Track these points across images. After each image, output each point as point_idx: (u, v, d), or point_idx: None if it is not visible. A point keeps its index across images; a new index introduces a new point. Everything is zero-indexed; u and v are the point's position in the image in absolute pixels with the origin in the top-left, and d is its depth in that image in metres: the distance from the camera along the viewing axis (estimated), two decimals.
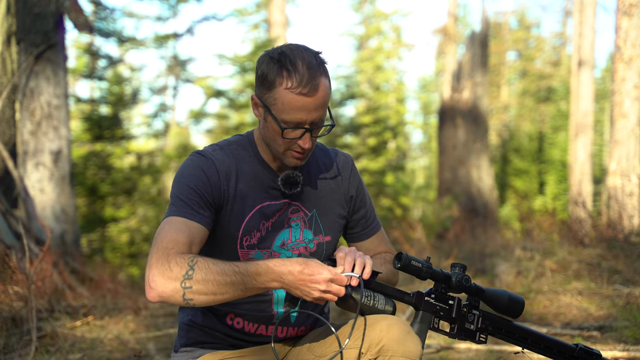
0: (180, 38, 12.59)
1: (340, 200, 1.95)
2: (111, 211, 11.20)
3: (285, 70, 1.69)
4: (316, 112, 1.72)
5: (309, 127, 1.73)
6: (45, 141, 6.30)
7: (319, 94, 1.70)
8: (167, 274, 1.58)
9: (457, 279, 1.78)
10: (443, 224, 9.97)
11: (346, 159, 1.99)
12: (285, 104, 1.70)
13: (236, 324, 1.85)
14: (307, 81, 1.68)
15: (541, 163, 19.23)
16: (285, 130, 1.73)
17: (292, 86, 1.69)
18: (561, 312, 4.48)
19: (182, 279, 1.58)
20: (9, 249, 4.97)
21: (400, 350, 1.63)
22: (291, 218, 1.86)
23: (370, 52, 23.00)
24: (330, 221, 1.92)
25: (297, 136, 1.74)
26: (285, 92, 1.69)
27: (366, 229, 2.01)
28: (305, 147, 1.75)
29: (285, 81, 1.69)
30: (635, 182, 6.44)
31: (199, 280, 1.58)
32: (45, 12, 6.24)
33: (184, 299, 1.58)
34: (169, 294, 1.58)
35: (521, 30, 27.45)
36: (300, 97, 1.69)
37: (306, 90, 1.69)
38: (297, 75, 1.69)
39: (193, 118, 13.80)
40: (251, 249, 1.81)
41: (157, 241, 1.66)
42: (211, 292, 1.58)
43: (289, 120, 1.71)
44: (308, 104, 1.70)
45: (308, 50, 1.74)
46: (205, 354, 1.85)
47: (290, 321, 1.88)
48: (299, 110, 1.70)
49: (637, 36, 6.56)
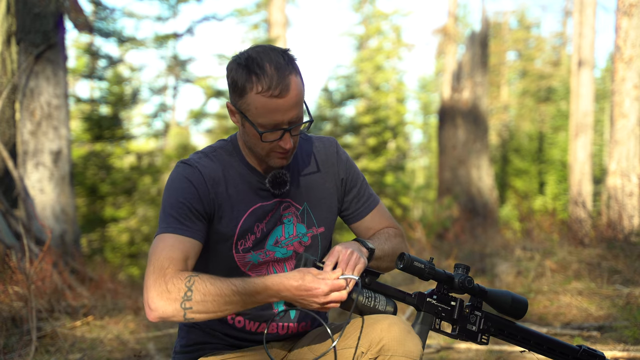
0: (180, 38, 12.59)
1: (331, 188, 1.93)
2: (111, 211, 11.20)
3: (253, 75, 1.68)
4: (291, 111, 1.70)
5: (287, 127, 1.72)
6: (45, 141, 6.30)
7: (291, 94, 1.69)
8: (166, 296, 1.60)
9: (460, 280, 1.78)
10: (443, 224, 9.96)
11: (330, 143, 1.97)
12: (259, 109, 1.69)
13: (237, 323, 1.85)
14: (277, 82, 1.67)
15: (541, 163, 19.23)
16: (263, 134, 1.72)
17: (263, 90, 1.67)
18: (561, 312, 4.48)
19: (182, 300, 1.59)
20: (9, 249, 4.97)
21: (401, 350, 1.63)
22: (283, 215, 1.86)
23: (370, 52, 22.99)
24: (323, 212, 1.92)
25: (277, 138, 1.73)
26: (257, 96, 1.68)
27: (362, 207, 1.98)
28: (286, 148, 1.74)
29: (255, 86, 1.68)
30: (635, 182, 6.44)
31: (198, 302, 1.59)
32: (45, 12, 6.24)
33: (185, 318, 1.61)
34: (169, 315, 1.60)
35: (521, 30, 27.45)
36: (272, 99, 1.67)
37: (277, 92, 1.67)
38: (266, 78, 1.67)
39: (193, 118, 13.80)
40: (247, 252, 1.82)
41: (152, 260, 1.66)
42: (211, 310, 1.61)
43: (265, 123, 1.70)
44: (281, 105, 1.68)
45: (275, 50, 1.72)
46: (206, 355, 1.85)
47: (291, 317, 1.88)
48: (273, 112, 1.69)
49: (637, 36, 6.56)
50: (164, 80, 13.17)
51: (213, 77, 13.39)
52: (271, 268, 1.84)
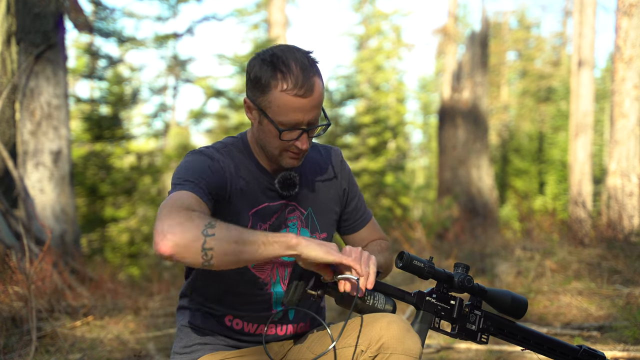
0: (180, 38, 12.59)
1: (334, 196, 1.95)
2: (111, 211, 11.20)
3: (279, 72, 1.68)
4: (312, 112, 1.72)
5: (306, 128, 1.73)
6: (45, 141, 6.30)
7: (315, 95, 1.70)
8: (188, 223, 1.47)
9: (460, 279, 1.78)
10: (443, 224, 9.96)
11: (335, 153, 2.00)
12: (281, 107, 1.69)
13: (235, 325, 1.85)
14: (302, 82, 1.68)
15: (541, 163, 19.24)
16: (282, 132, 1.72)
17: (288, 88, 1.68)
18: (561, 312, 4.48)
19: (204, 227, 1.48)
20: (9, 249, 4.97)
21: (400, 348, 1.64)
22: (288, 218, 1.86)
23: (370, 52, 23.00)
24: (326, 218, 1.93)
25: (294, 137, 1.74)
26: (281, 94, 1.68)
27: (358, 220, 2.02)
28: (302, 148, 1.75)
29: (280, 83, 1.68)
30: (635, 182, 6.44)
31: (222, 228, 1.49)
32: (45, 12, 6.24)
33: (202, 249, 1.46)
34: (186, 242, 1.45)
35: (521, 30, 27.46)
36: (296, 98, 1.68)
37: (302, 92, 1.68)
38: (291, 76, 1.68)
39: (193, 118, 13.80)
40: None
41: (169, 201, 1.56)
42: (233, 240, 1.48)
43: (285, 122, 1.71)
44: (304, 105, 1.69)
45: (299, 51, 1.73)
46: (206, 355, 1.84)
47: (289, 318, 1.88)
48: (295, 111, 1.70)
49: (637, 36, 6.56)
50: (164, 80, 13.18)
51: (213, 77, 13.41)
52: (275, 270, 1.84)
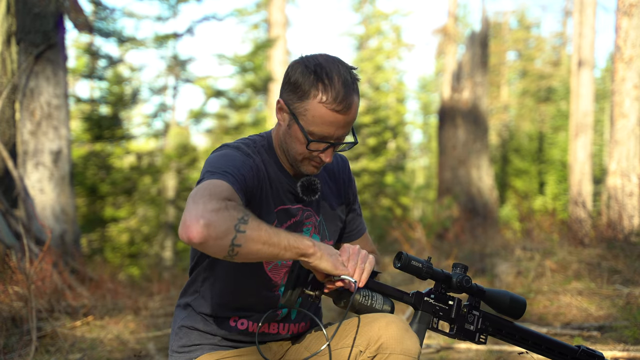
0: (180, 38, 12.57)
1: (341, 204, 1.97)
2: (111, 211, 11.20)
3: (321, 83, 1.68)
4: (344, 129, 1.73)
5: (334, 142, 1.73)
6: (45, 141, 6.30)
7: (351, 113, 1.71)
8: (224, 213, 1.46)
9: (458, 280, 1.78)
10: (443, 224, 9.96)
11: (344, 161, 2.02)
12: (316, 117, 1.69)
13: (240, 325, 1.86)
14: (342, 98, 1.68)
15: (541, 163, 19.23)
16: (311, 143, 1.72)
17: (327, 101, 1.68)
18: (561, 312, 4.48)
19: (237, 221, 1.47)
20: (9, 249, 4.97)
21: (399, 348, 1.64)
22: (305, 223, 1.87)
23: (370, 52, 22.98)
24: (334, 226, 1.95)
25: (320, 149, 1.74)
26: (319, 105, 1.68)
27: (354, 230, 2.04)
28: (326, 161, 1.75)
29: (320, 94, 1.68)
30: (635, 182, 6.44)
31: (254, 227, 1.49)
32: (45, 12, 6.24)
33: (231, 244, 1.46)
34: (218, 234, 1.44)
35: (521, 30, 27.45)
36: (333, 113, 1.68)
37: (340, 108, 1.68)
38: (333, 90, 1.67)
39: (193, 118, 13.79)
40: None
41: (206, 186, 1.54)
42: (262, 241, 1.49)
43: (316, 132, 1.71)
44: (339, 121, 1.70)
45: (343, 65, 1.73)
46: (204, 354, 1.85)
47: (291, 317, 1.89)
48: (329, 125, 1.70)
49: (637, 36, 6.56)
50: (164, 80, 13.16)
51: (213, 77, 13.39)
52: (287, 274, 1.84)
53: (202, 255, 1.88)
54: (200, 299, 1.87)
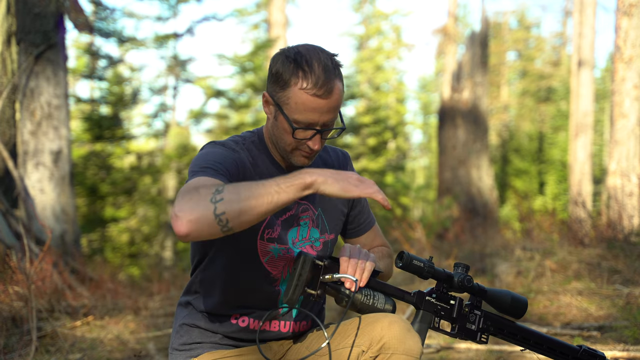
0: (180, 38, 12.58)
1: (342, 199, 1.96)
2: (111, 211, 11.20)
3: (301, 70, 1.69)
4: (328, 114, 1.72)
5: (320, 129, 1.73)
6: (45, 141, 6.30)
7: (333, 97, 1.70)
8: (195, 197, 1.46)
9: (459, 279, 1.78)
10: (443, 224, 9.96)
11: (345, 156, 2.02)
12: (298, 104, 1.70)
13: (241, 322, 1.85)
14: (322, 83, 1.68)
15: (541, 163, 19.24)
16: (296, 131, 1.73)
17: (307, 87, 1.68)
18: (561, 312, 4.48)
19: (212, 194, 1.46)
20: (9, 249, 4.97)
21: (401, 348, 1.64)
22: (301, 217, 1.87)
23: (370, 52, 22.99)
24: (334, 219, 1.94)
25: (308, 137, 1.74)
26: (300, 92, 1.69)
27: (362, 224, 2.03)
28: (314, 149, 1.75)
29: (300, 81, 1.69)
30: (635, 182, 6.44)
31: (230, 190, 1.47)
32: (45, 12, 6.24)
33: (215, 215, 1.44)
34: (198, 216, 1.43)
35: (521, 30, 27.46)
36: (314, 98, 1.69)
37: (321, 92, 1.68)
38: (312, 76, 1.68)
39: (193, 118, 13.80)
40: (270, 242, 1.81)
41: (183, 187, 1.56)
42: (245, 196, 1.46)
43: (301, 120, 1.71)
44: (321, 106, 1.70)
45: (324, 52, 1.74)
46: (204, 353, 1.85)
47: (292, 316, 1.88)
48: (312, 111, 1.70)
49: (637, 36, 6.56)
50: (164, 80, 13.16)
51: (213, 77, 13.40)
52: (286, 267, 1.84)
53: (202, 256, 1.87)
54: (201, 298, 1.87)
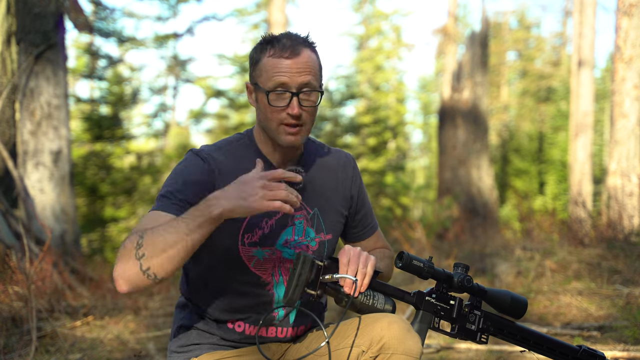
0: (180, 38, 12.60)
1: (341, 199, 1.95)
2: (111, 211, 11.20)
3: (269, 44, 1.76)
4: (299, 75, 1.72)
5: (295, 92, 1.73)
6: (45, 141, 6.30)
7: (301, 58, 1.73)
8: (124, 257, 1.52)
9: (459, 279, 1.77)
10: (443, 224, 9.96)
11: (348, 158, 2.00)
12: (268, 71, 1.74)
13: (237, 327, 1.85)
14: (287, 46, 1.73)
15: (541, 163, 19.24)
16: (270, 96, 1.73)
17: (274, 52, 1.74)
18: (561, 312, 4.48)
19: (135, 249, 1.51)
20: (9, 249, 4.97)
21: (401, 348, 1.64)
22: (295, 216, 1.85)
23: (370, 52, 22.99)
24: (332, 219, 1.92)
25: (285, 104, 1.74)
26: (268, 59, 1.74)
27: (365, 229, 2.02)
28: (293, 113, 1.73)
29: (267, 51, 1.75)
30: (635, 182, 6.44)
31: (148, 244, 1.51)
32: (45, 12, 6.24)
33: (142, 271, 1.50)
34: (129, 274, 1.51)
35: (521, 30, 27.46)
36: (281, 59, 1.73)
37: (287, 54, 1.72)
38: (279, 44, 1.74)
39: (193, 118, 13.81)
40: (252, 247, 1.80)
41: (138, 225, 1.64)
42: (161, 248, 1.50)
43: (272, 85, 1.73)
44: (289, 66, 1.72)
45: (295, 33, 1.80)
46: (203, 354, 1.84)
47: (289, 321, 1.87)
48: (280, 73, 1.72)
49: (637, 36, 6.56)
50: (164, 80, 13.18)
51: (213, 77, 13.42)
52: (276, 269, 1.84)
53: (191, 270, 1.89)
54: (197, 302, 1.88)
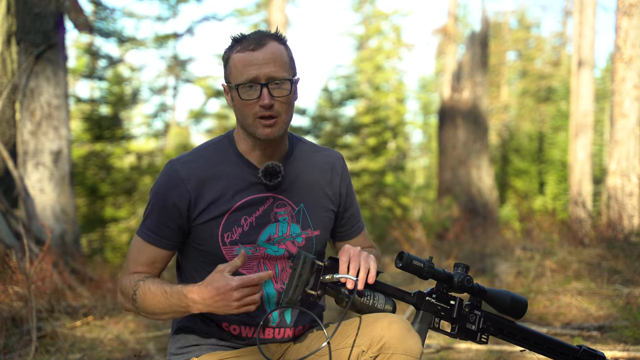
0: (180, 38, 12.60)
1: (330, 196, 1.93)
2: (111, 211, 11.20)
3: (236, 41, 1.80)
4: (267, 66, 1.74)
5: (264, 82, 1.74)
6: (45, 141, 6.29)
7: (267, 49, 1.75)
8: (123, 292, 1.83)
9: (459, 279, 1.77)
10: (443, 224, 9.96)
11: (337, 157, 1.99)
12: (237, 66, 1.76)
13: (232, 330, 1.85)
14: (253, 40, 1.76)
15: (541, 163, 19.23)
16: (240, 89, 1.75)
17: (241, 48, 1.77)
18: (561, 312, 4.48)
19: (132, 298, 1.79)
20: (9, 249, 4.96)
21: (401, 348, 1.64)
22: (278, 212, 1.84)
23: (370, 52, 22.99)
24: (319, 215, 1.90)
25: (256, 96, 1.75)
26: (236, 55, 1.77)
27: (352, 228, 2.02)
28: (264, 103, 1.73)
29: (235, 48, 1.79)
30: (635, 182, 6.44)
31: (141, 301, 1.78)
32: (45, 12, 6.24)
33: (139, 312, 1.80)
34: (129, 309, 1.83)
35: (521, 30, 27.45)
36: (247, 53, 1.75)
37: (252, 47, 1.75)
38: (246, 40, 1.78)
39: (193, 118, 13.82)
40: (234, 245, 1.80)
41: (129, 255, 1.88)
42: (150, 311, 1.77)
43: (242, 80, 1.75)
44: (256, 58, 1.74)
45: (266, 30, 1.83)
46: (203, 355, 1.84)
47: (287, 322, 1.86)
48: (247, 66, 1.75)
49: (637, 36, 6.56)
50: (164, 80, 13.19)
51: (213, 77, 13.41)
52: (262, 265, 1.83)
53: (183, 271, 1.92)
54: None
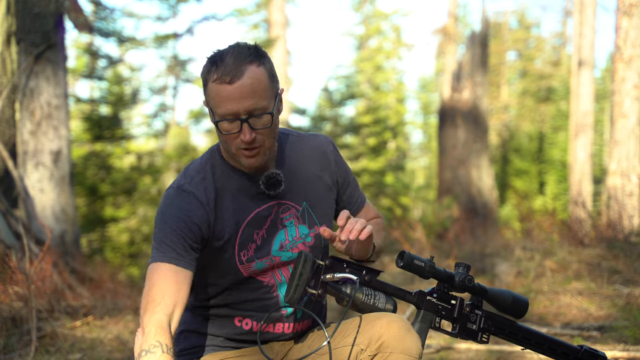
0: (180, 38, 12.58)
1: (328, 185, 1.90)
2: (111, 211, 11.19)
3: (214, 65, 1.66)
4: (246, 100, 1.63)
5: (244, 118, 1.66)
6: (45, 141, 6.29)
7: (244, 81, 1.63)
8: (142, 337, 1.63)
9: (460, 279, 1.77)
10: (443, 224, 9.96)
11: (326, 140, 1.94)
12: (214, 98, 1.66)
13: (245, 325, 1.84)
14: (229, 70, 1.62)
15: (541, 163, 19.23)
16: (219, 124, 1.67)
17: (217, 78, 1.64)
18: (561, 312, 4.48)
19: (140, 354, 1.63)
20: (9, 249, 4.96)
21: (400, 347, 1.63)
22: (284, 218, 1.82)
23: (370, 52, 22.98)
24: (323, 210, 1.89)
25: (237, 130, 1.67)
26: (212, 85, 1.65)
27: (353, 205, 1.98)
28: (245, 140, 1.66)
29: (212, 75, 1.65)
30: (635, 182, 6.44)
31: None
32: (45, 12, 6.24)
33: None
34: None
35: (521, 30, 27.45)
36: (223, 86, 1.63)
37: (228, 79, 1.62)
38: (222, 66, 1.64)
39: (193, 118, 13.81)
40: (251, 262, 1.79)
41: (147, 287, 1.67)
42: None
43: (221, 113, 1.66)
44: (232, 93, 1.63)
45: (245, 45, 1.69)
46: (205, 355, 1.84)
47: (297, 316, 1.86)
48: (225, 100, 1.64)
49: (637, 36, 6.56)
50: (164, 80, 13.18)
51: None
52: (277, 271, 1.83)
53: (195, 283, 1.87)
54: (199, 305, 1.87)
